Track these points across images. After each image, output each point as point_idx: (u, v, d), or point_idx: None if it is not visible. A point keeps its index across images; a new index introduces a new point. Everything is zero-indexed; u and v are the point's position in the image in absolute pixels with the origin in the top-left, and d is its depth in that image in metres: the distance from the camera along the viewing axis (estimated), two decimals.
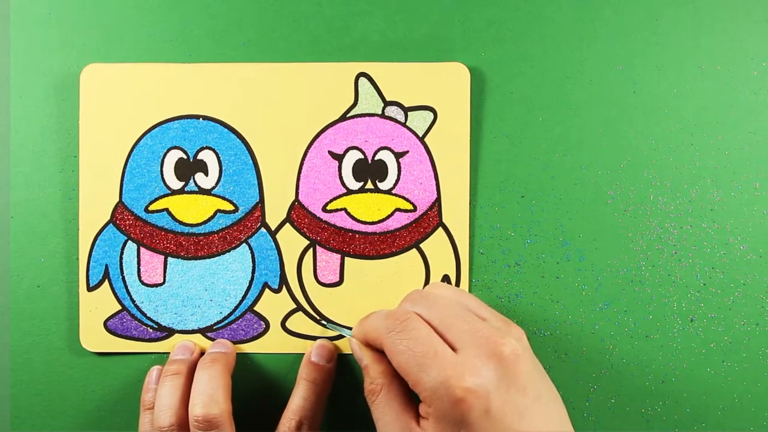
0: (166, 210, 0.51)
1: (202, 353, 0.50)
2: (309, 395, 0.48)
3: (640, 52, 0.51)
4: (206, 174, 0.51)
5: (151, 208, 0.51)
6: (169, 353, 0.51)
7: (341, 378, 0.51)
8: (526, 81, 0.51)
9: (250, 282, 0.51)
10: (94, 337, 0.51)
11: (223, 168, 0.51)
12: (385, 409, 0.41)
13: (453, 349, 0.39)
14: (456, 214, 0.50)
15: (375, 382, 0.42)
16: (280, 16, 0.51)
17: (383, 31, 0.51)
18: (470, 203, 0.51)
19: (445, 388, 0.37)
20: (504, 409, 0.37)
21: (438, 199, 0.50)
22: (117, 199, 0.50)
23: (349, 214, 0.50)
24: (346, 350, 0.51)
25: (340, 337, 0.51)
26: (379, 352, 0.43)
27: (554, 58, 0.51)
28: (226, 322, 0.51)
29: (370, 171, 0.51)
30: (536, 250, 0.51)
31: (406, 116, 0.50)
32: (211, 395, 0.46)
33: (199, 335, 0.51)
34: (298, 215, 0.51)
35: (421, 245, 0.50)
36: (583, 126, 0.51)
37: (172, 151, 0.51)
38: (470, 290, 0.51)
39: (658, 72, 0.51)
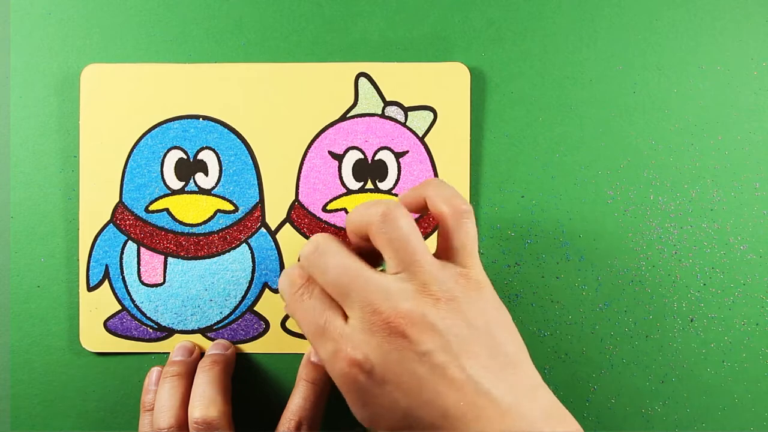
0: (166, 210, 0.51)
1: (202, 354, 0.50)
2: (308, 395, 0.48)
3: (640, 52, 0.51)
4: (206, 174, 0.51)
5: (151, 208, 0.51)
6: (169, 353, 0.51)
7: None
8: (526, 81, 0.51)
9: (250, 282, 0.51)
10: (94, 337, 0.51)
11: (223, 168, 0.51)
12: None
13: (346, 313, 0.38)
14: None
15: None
16: (280, 16, 0.51)
17: (383, 31, 0.51)
18: (470, 203, 0.51)
19: (332, 361, 0.37)
20: (398, 382, 0.36)
21: None
22: (117, 199, 0.50)
23: None
24: None
25: None
26: None
27: (554, 58, 0.51)
28: (226, 322, 0.51)
29: (370, 171, 0.51)
30: (536, 250, 0.51)
31: (406, 116, 0.50)
32: (210, 398, 0.46)
33: (199, 335, 0.51)
34: (298, 215, 0.50)
35: None
36: (583, 126, 0.51)
37: (172, 151, 0.51)
38: None
39: (658, 72, 0.51)
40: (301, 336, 0.51)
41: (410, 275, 0.37)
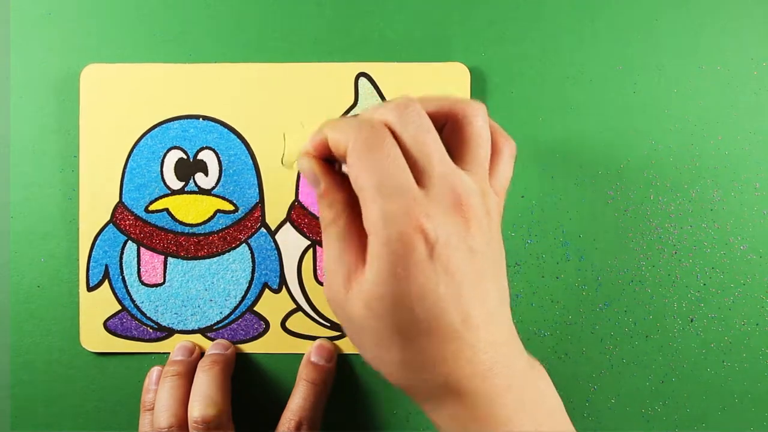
0: (166, 210, 0.51)
1: (203, 354, 0.50)
2: (309, 395, 0.48)
3: (640, 52, 0.51)
4: (206, 174, 0.51)
5: (151, 208, 0.51)
6: (169, 353, 0.51)
7: (341, 378, 0.51)
8: (526, 81, 0.51)
9: (250, 282, 0.51)
10: (94, 337, 0.51)
11: (223, 168, 0.51)
12: (336, 241, 0.37)
13: (418, 183, 0.35)
14: None
15: (333, 209, 0.38)
16: (280, 17, 0.51)
17: (383, 31, 0.51)
18: None
19: (397, 218, 0.34)
20: (446, 265, 0.34)
21: None
22: (117, 199, 0.50)
23: None
24: (347, 350, 0.51)
25: (341, 337, 0.51)
26: (337, 176, 0.39)
27: (554, 58, 0.51)
28: (226, 322, 0.51)
29: None
30: (536, 250, 0.51)
31: None
32: (210, 397, 0.46)
33: (199, 335, 0.51)
34: (298, 215, 0.50)
35: None
36: (583, 126, 0.51)
37: (172, 151, 0.51)
38: None
39: (658, 72, 0.51)
40: (300, 336, 0.51)
41: (476, 177, 0.37)
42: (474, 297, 0.35)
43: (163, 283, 0.51)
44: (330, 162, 0.39)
